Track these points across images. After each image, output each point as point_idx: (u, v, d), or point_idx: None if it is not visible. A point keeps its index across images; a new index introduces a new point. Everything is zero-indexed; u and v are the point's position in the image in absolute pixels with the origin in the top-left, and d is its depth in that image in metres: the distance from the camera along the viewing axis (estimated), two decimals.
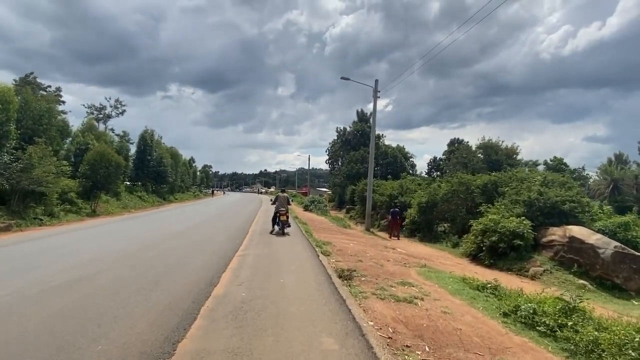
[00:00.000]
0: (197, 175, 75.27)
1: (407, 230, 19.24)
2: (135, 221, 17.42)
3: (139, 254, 8.26)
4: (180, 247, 9.37)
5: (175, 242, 10.08)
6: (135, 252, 8.58)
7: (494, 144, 31.83)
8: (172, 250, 8.89)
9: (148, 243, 9.93)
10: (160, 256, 8.05)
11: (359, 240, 14.35)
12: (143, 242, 10.02)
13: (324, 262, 8.04)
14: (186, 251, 8.74)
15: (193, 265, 7.19)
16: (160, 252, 8.62)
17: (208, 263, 7.40)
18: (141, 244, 9.79)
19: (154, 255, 8.11)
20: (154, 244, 9.74)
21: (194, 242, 10.14)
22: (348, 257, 9.51)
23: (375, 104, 19.99)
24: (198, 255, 8.19)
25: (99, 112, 49.47)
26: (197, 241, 10.36)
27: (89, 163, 21.09)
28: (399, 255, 11.71)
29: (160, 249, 8.95)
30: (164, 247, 9.32)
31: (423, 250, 14.63)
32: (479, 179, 16.53)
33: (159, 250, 8.77)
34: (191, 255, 8.28)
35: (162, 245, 9.53)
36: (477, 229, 12.79)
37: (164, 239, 10.74)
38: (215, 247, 9.47)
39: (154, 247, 9.21)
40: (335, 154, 61.34)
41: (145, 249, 8.94)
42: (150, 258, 7.81)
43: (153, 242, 10.19)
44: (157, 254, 8.36)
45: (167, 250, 8.80)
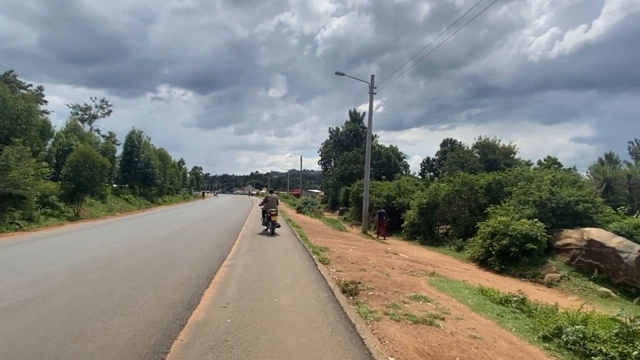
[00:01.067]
0: (187, 177, 73.89)
1: (407, 233, 18.31)
2: (118, 226, 16.26)
3: (109, 266, 7.16)
4: (159, 256, 8.28)
5: (155, 251, 8.97)
6: (106, 263, 7.47)
7: (491, 143, 31.15)
8: (150, 260, 7.80)
9: (124, 252, 8.81)
10: (134, 269, 6.96)
11: (357, 244, 13.37)
12: (118, 251, 8.89)
13: (323, 272, 7.04)
14: (165, 262, 7.66)
15: (171, 280, 6.11)
16: (135, 263, 7.53)
17: (189, 277, 6.33)
18: (115, 253, 8.67)
19: (126, 268, 7.02)
20: (131, 253, 8.63)
21: (176, 251, 9.04)
22: (349, 265, 8.52)
23: (372, 100, 19.06)
24: (178, 267, 7.12)
25: (84, 113, 48.00)
26: (179, 249, 9.26)
27: (72, 165, 20.01)
28: (402, 261, 10.75)
29: (136, 260, 7.85)
30: (141, 256, 8.21)
31: (426, 254, 13.70)
32: (482, 178, 15.68)
33: (134, 261, 7.67)
34: (170, 266, 7.21)
35: (139, 255, 8.42)
36: (485, 232, 11.89)
37: (143, 247, 9.63)
38: (200, 255, 8.39)
39: (129, 257, 8.11)
40: (327, 155, 60.34)
41: (119, 260, 7.83)
42: (121, 272, 6.71)
43: (130, 250, 9.08)
44: (130, 265, 7.26)
45: (143, 261, 7.70)
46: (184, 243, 10.35)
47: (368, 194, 19.40)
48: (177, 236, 12.03)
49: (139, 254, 8.43)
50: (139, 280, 6.03)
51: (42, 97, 39.53)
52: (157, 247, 9.50)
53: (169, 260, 7.80)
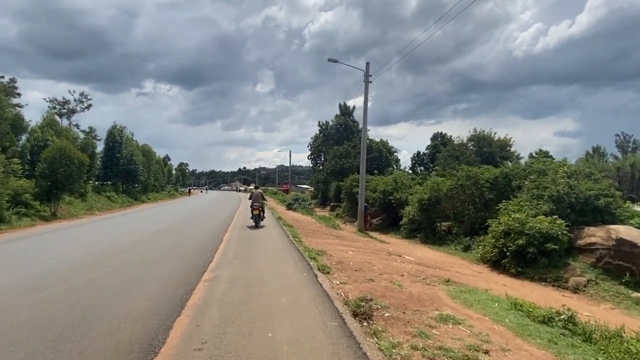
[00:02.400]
0: (172, 173, 71.92)
1: (406, 230, 17.17)
2: (92, 227, 14.83)
3: (63, 282, 5.78)
4: (126, 267, 6.90)
5: (123, 260, 7.58)
6: (62, 276, 6.10)
7: (486, 135, 30.21)
8: (115, 272, 6.44)
9: (87, 260, 7.43)
10: (92, 285, 5.60)
11: (356, 245, 12.17)
12: (81, 260, 7.50)
13: (325, 286, 5.79)
14: (133, 274, 6.30)
15: (132, 304, 4.77)
16: (97, 276, 6.17)
17: (158, 298, 5.00)
18: (77, 262, 7.28)
19: (82, 285, 5.66)
20: (95, 262, 7.25)
21: (149, 259, 7.67)
22: (353, 273, 7.30)
23: (367, 89, 17.84)
24: (147, 283, 5.78)
25: (62, 107, 45.63)
26: (153, 257, 7.88)
27: (47, 161, 18.69)
28: (409, 265, 9.59)
29: (99, 272, 6.49)
30: (105, 268, 6.83)
31: (431, 255, 12.58)
32: (487, 171, 14.61)
33: (95, 274, 6.31)
34: (137, 281, 5.86)
35: (105, 264, 7.04)
36: (498, 230, 10.78)
37: (110, 255, 8.24)
38: (176, 265, 7.05)
39: (91, 268, 6.73)
40: (317, 149, 58.93)
41: (78, 272, 6.46)
42: (73, 290, 5.35)
43: (96, 257, 7.69)
44: (89, 280, 5.90)
45: (107, 274, 6.35)
46: (160, 248, 8.98)
47: (364, 189, 18.22)
48: (154, 240, 10.65)
49: (102, 265, 7.03)
50: (92, 304, 4.68)
51: (15, 89, 37.31)
52: (127, 255, 8.12)
53: (137, 272, 6.44)
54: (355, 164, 45.63)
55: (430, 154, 63.73)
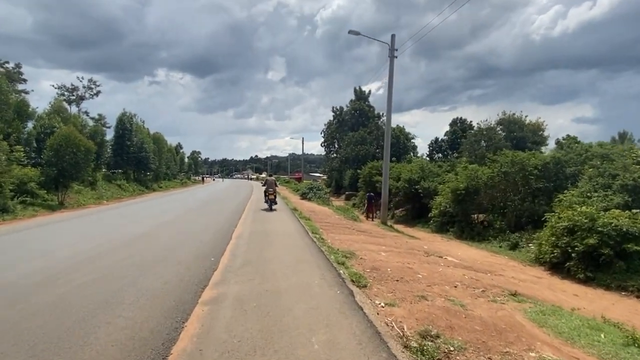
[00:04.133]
0: (184, 162, 71.30)
1: (436, 224, 15.43)
2: (94, 217, 13.71)
3: (17, 303, 4.33)
4: (109, 276, 5.38)
5: (111, 263, 6.08)
6: (20, 294, 4.63)
7: (517, 118, 27.84)
8: (91, 285, 4.93)
9: (65, 266, 5.97)
10: (52, 309, 4.09)
11: (385, 242, 10.54)
12: (58, 265, 6.04)
13: (368, 312, 4.19)
14: (113, 288, 4.75)
15: (97, 344, 3.28)
16: (65, 292, 4.68)
17: (134, 335, 3.47)
18: (52, 269, 5.82)
19: (41, 307, 4.17)
20: (74, 267, 5.78)
21: (140, 264, 6.15)
22: (396, 286, 5.68)
23: (392, 65, 15.94)
24: (127, 304, 4.23)
25: (71, 94, 44.75)
26: (142, 262, 6.33)
27: (53, 148, 17.87)
28: (456, 269, 7.93)
29: (71, 284, 5.00)
30: (84, 276, 5.33)
31: (473, 254, 10.86)
32: (533, 157, 12.72)
33: (65, 288, 4.81)
34: (115, 301, 4.32)
35: (84, 272, 5.56)
36: (559, 227, 9.00)
37: (100, 254, 6.79)
38: (171, 275, 5.51)
39: (64, 278, 5.23)
40: (331, 136, 56.90)
41: (45, 285, 5.00)
42: (24, 318, 3.89)
43: (78, 261, 6.22)
44: (52, 300, 4.40)
45: (81, 287, 4.86)
46: (157, 249, 7.49)
47: (388, 177, 16.49)
48: (154, 236, 9.20)
49: (79, 274, 5.53)
50: (55, 334, 3.19)
51: (21, 75, 36.32)
52: (116, 258, 6.64)
53: (120, 285, 4.93)
54: (372, 150, 43.70)
55: (449, 140, 61.35)
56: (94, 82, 45.29)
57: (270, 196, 15.70)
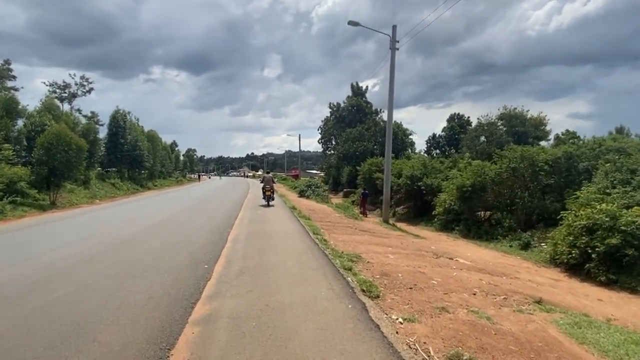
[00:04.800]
0: (180, 159, 70.48)
1: (440, 222, 14.87)
2: (84, 218, 13.11)
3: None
4: (86, 290, 4.71)
5: (92, 273, 5.41)
6: (4, 299, 4.03)
7: (518, 113, 27.29)
8: (63, 302, 4.27)
9: (38, 277, 5.32)
10: (28, 325, 3.47)
11: (390, 243, 9.96)
12: (30, 276, 5.38)
13: (386, 331, 3.59)
14: (88, 306, 4.09)
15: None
16: (30, 312, 4.02)
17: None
18: (22, 280, 5.17)
19: (13, 325, 3.54)
20: (48, 279, 5.11)
21: (124, 273, 5.48)
22: (411, 295, 5.10)
23: (394, 57, 15.32)
24: (103, 327, 3.58)
25: (63, 91, 43.79)
26: (131, 269, 5.68)
27: (44, 147, 17.26)
28: (469, 272, 7.36)
29: (40, 300, 4.34)
30: (58, 289, 4.66)
31: (484, 254, 10.30)
32: (543, 152, 12.17)
33: (30, 306, 4.15)
34: (89, 324, 3.66)
35: (59, 284, 4.89)
36: (576, 225, 8.45)
37: (81, 262, 6.13)
38: (158, 286, 4.87)
39: (33, 293, 4.57)
40: (328, 133, 56.20)
41: (26, 295, 4.37)
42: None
43: (54, 271, 5.56)
44: (32, 311, 3.78)
45: (51, 305, 4.21)
46: (143, 254, 6.82)
47: (390, 174, 15.90)
48: (143, 239, 8.55)
49: (53, 287, 4.87)
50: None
51: (10, 72, 35.35)
52: (99, 266, 6.00)
53: (97, 302, 4.29)
54: (370, 147, 43.10)
55: (447, 136, 60.89)
56: (87, 79, 44.38)
57: (268, 192, 16.56)
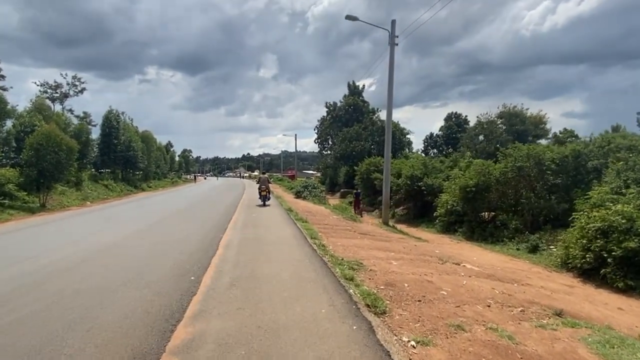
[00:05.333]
0: (175, 160, 69.82)
1: (442, 224, 14.36)
2: (74, 220, 12.79)
3: None
4: (56, 308, 4.12)
5: (63, 286, 4.83)
6: None
7: (518, 111, 26.87)
8: (38, 317, 3.71)
9: (14, 286, 4.74)
10: None
11: (392, 247, 9.43)
12: (11, 282, 4.87)
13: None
14: (50, 330, 3.51)
15: None
16: (5, 324, 3.52)
17: None
18: (3, 287, 4.65)
19: None
20: (14, 294, 4.53)
21: (101, 287, 4.91)
22: (421, 310, 4.58)
23: (393, 52, 14.84)
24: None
25: (54, 91, 42.96)
26: (109, 283, 5.12)
27: (33, 148, 16.68)
28: (479, 280, 6.84)
29: (13, 315, 3.77)
30: (25, 306, 4.06)
31: (490, 258, 9.79)
32: (549, 150, 11.70)
33: (2, 321, 3.66)
34: (56, 346, 3.11)
35: (26, 300, 4.31)
36: (590, 228, 7.97)
37: (55, 273, 5.54)
38: (136, 303, 4.30)
39: (8, 307, 4.08)
40: (324, 133, 55.62)
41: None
42: None
43: (23, 283, 4.96)
44: None
45: (20, 322, 3.63)
46: (124, 264, 6.25)
47: (389, 174, 15.39)
48: (126, 246, 7.95)
49: (18, 304, 4.26)
50: None
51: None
52: (73, 278, 5.42)
53: (64, 323, 3.69)
54: (367, 147, 42.58)
55: (444, 136, 60.54)
56: (78, 79, 43.51)
57: (264, 192, 17.12)
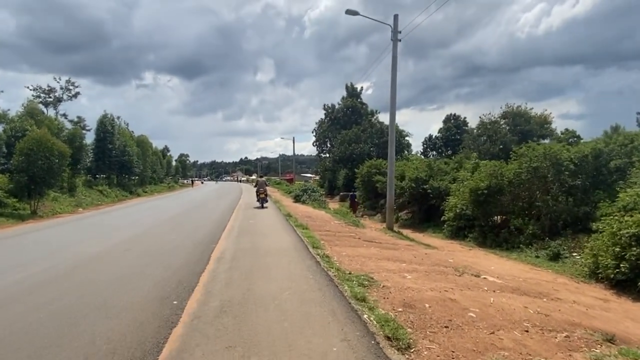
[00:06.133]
0: (172, 165, 69.16)
1: (451, 229, 13.52)
2: (60, 229, 12.24)
3: None
4: (8, 340, 3.37)
5: (27, 310, 4.01)
6: None
7: (522, 111, 26.15)
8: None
9: None
10: None
11: (402, 256, 8.60)
12: None
13: None
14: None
15: None
16: None
17: None
18: None
19: None
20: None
21: (65, 314, 4.04)
22: (446, 336, 3.75)
23: (396, 49, 14.09)
24: None
25: (47, 95, 42.12)
26: (74, 309, 4.24)
27: (23, 153, 16.25)
28: (503, 293, 6.04)
29: None
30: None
31: (508, 267, 8.96)
32: (565, 149, 10.93)
33: None
34: None
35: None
36: (624, 234, 7.18)
37: (25, 291, 4.76)
38: (103, 336, 3.47)
39: None
40: (322, 135, 54.83)
41: None
42: None
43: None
44: None
45: None
46: (98, 283, 5.38)
47: (393, 177, 14.59)
48: (106, 259, 7.11)
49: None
50: None
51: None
52: (34, 301, 4.57)
53: None
54: (367, 149, 41.86)
55: (443, 137, 59.93)
56: (72, 83, 42.57)
57: (261, 195, 18.14)
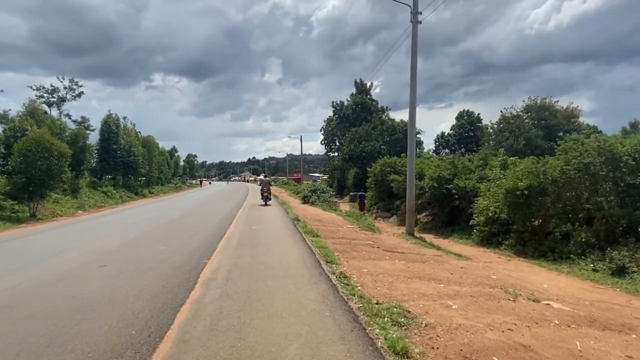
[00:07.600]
0: (179, 165, 68.63)
1: (482, 234, 11.91)
2: (50, 234, 11.57)
3: None
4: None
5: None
6: None
7: (547, 104, 24.30)
8: None
9: None
10: None
11: (434, 272, 7.09)
12: None
13: None
14: None
15: None
16: None
17: None
18: None
19: None
20: None
21: (9, 351, 2.83)
22: None
23: (416, 30, 12.60)
24: None
25: (51, 95, 41.37)
26: (27, 342, 3.03)
27: (21, 154, 15.77)
28: (587, 334, 4.53)
29: None
30: None
31: (564, 285, 7.36)
32: (620, 143, 9.33)
33: None
34: None
35: None
36: None
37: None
38: None
39: None
40: (331, 133, 53.27)
41: None
42: None
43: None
44: None
45: None
46: (44, 322, 3.99)
47: (413, 176, 13.06)
48: (70, 282, 5.76)
49: None
50: None
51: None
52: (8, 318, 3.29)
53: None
54: (377, 147, 40.31)
55: (456, 135, 58.13)
56: (76, 82, 41.84)
57: (265, 193, 19.71)
